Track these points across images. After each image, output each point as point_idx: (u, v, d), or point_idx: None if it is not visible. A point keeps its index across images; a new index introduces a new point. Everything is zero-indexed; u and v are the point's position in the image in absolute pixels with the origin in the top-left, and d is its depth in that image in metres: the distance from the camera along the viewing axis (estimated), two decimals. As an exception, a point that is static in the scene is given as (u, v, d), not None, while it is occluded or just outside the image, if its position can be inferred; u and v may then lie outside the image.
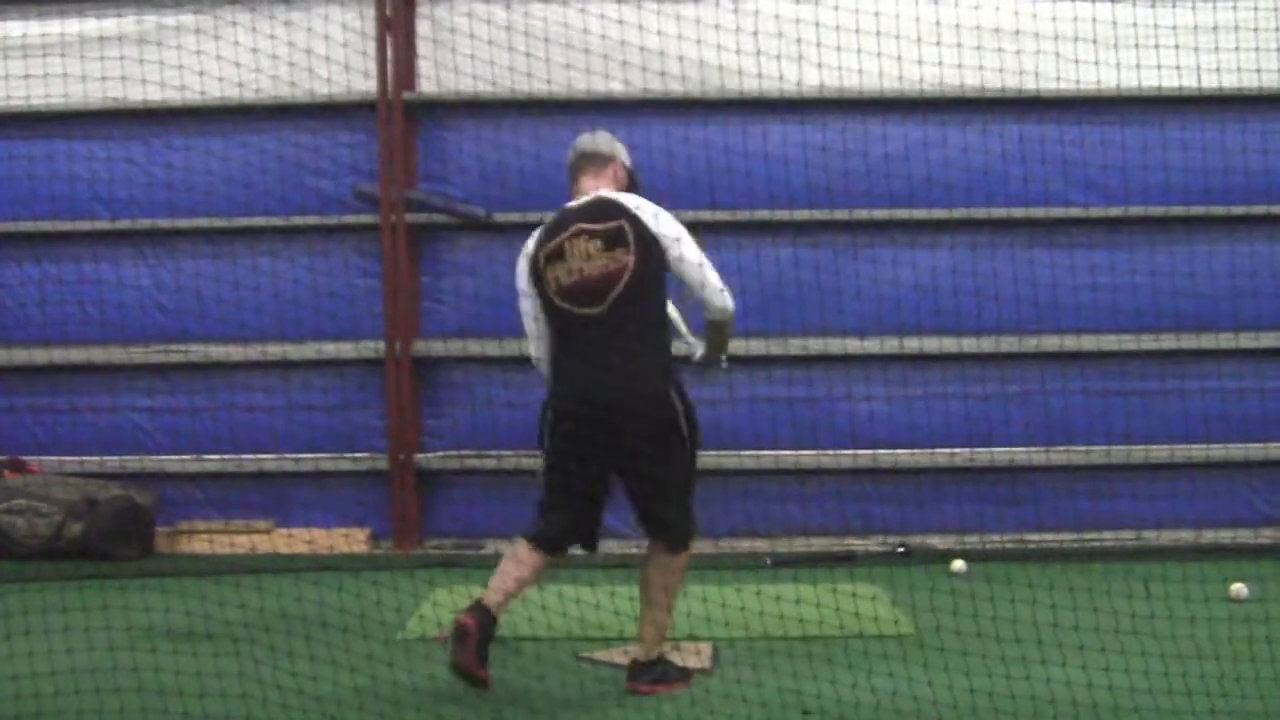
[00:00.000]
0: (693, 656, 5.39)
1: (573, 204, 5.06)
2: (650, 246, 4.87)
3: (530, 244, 5.06)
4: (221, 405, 8.94)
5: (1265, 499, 8.82)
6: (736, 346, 8.54)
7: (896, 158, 8.83)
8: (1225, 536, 8.58)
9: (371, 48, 8.78)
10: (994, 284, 8.75)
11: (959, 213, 8.82)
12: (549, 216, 5.14)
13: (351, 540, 8.73)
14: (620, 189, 5.10)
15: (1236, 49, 7.97)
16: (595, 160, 5.14)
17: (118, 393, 8.95)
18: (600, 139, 5.21)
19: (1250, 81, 8.01)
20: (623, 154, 5.22)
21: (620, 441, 4.82)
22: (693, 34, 8.32)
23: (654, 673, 4.94)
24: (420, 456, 8.78)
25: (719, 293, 4.98)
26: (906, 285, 8.81)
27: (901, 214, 8.79)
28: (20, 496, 8.24)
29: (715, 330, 5.15)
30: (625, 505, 5.12)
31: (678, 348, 5.21)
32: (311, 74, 8.62)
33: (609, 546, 6.51)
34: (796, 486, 8.71)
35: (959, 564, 7.63)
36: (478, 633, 4.67)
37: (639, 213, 4.91)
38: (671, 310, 5.25)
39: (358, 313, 8.87)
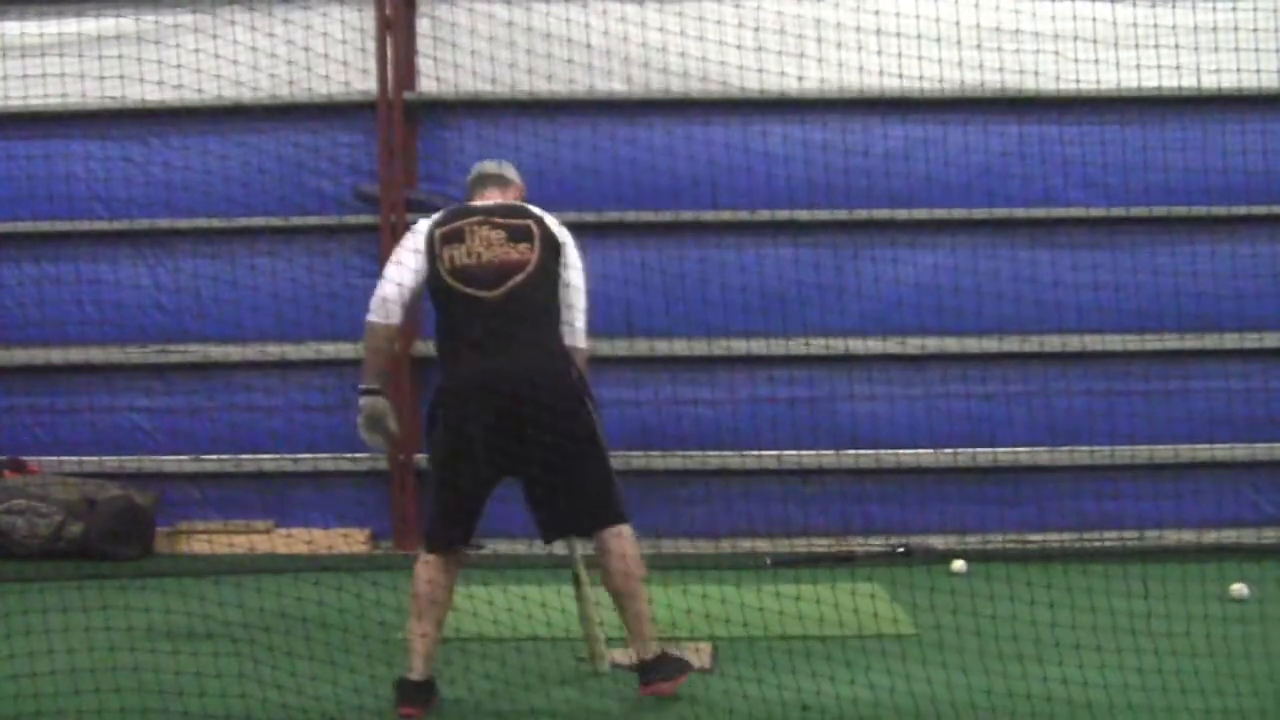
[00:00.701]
0: (693, 656, 5.38)
1: (477, 203, 5.04)
2: (552, 251, 4.86)
3: (424, 223, 4.96)
4: (221, 405, 8.94)
5: (1267, 499, 8.82)
6: (737, 346, 8.66)
7: (896, 157, 8.84)
8: (1227, 537, 8.56)
9: (371, 47, 8.78)
10: (995, 284, 8.75)
11: (959, 213, 8.82)
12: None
13: (351, 540, 8.72)
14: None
15: (1236, 49, 7.97)
16: (500, 181, 5.15)
17: (117, 393, 8.94)
18: (506, 166, 5.24)
19: (1250, 81, 8.00)
20: (521, 188, 5.22)
21: (525, 433, 4.65)
22: (693, 33, 8.32)
23: (667, 667, 4.80)
24: (420, 456, 8.77)
25: (583, 330, 4.96)
26: (907, 285, 8.81)
27: (901, 214, 8.80)
28: (20, 496, 8.24)
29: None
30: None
31: None
32: (311, 73, 8.61)
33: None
34: (796, 486, 8.70)
35: (959, 564, 7.63)
36: (424, 711, 4.62)
37: (545, 219, 4.93)
38: None
39: (357, 313, 8.73)
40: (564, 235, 4.95)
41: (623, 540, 4.80)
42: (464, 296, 4.77)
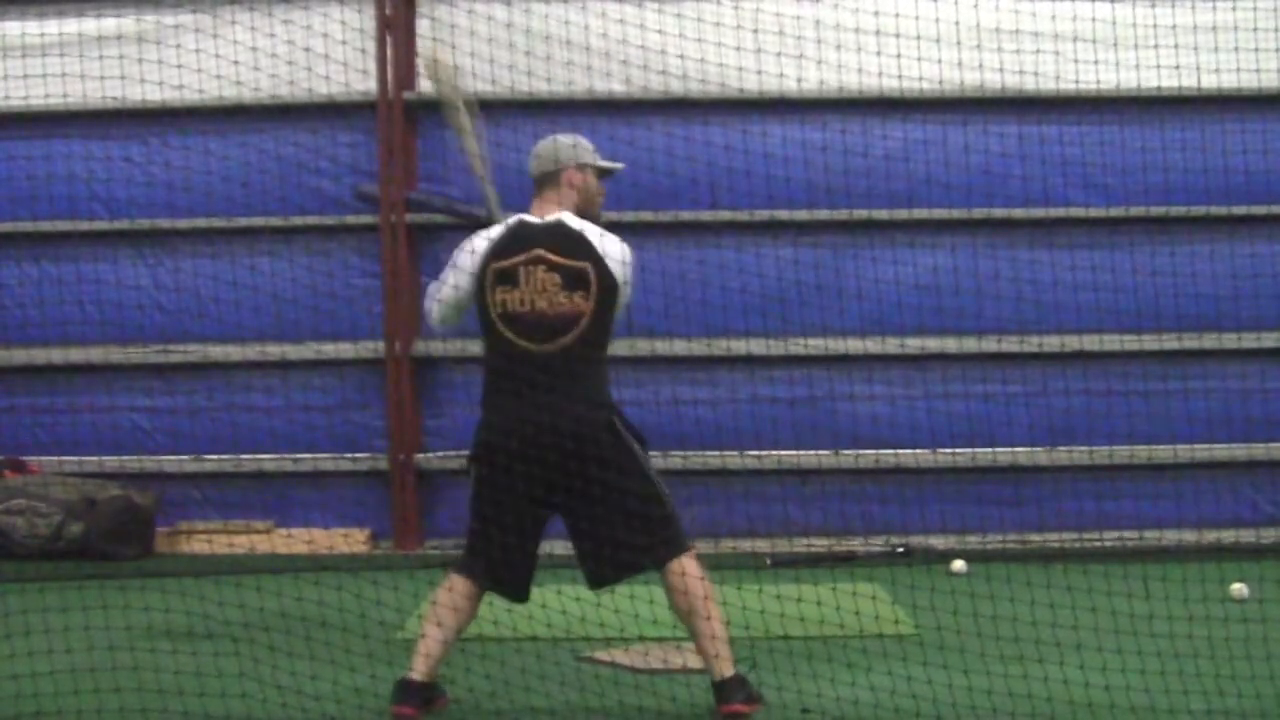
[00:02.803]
0: (693, 656, 5.37)
1: (533, 220, 4.73)
2: (610, 293, 4.62)
3: (481, 245, 4.72)
4: (221, 405, 8.94)
5: (1266, 499, 8.82)
6: (737, 346, 8.66)
7: (896, 158, 8.83)
8: (1226, 536, 8.57)
9: (371, 47, 8.78)
10: (994, 284, 8.76)
11: (959, 213, 8.82)
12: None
13: (351, 540, 8.73)
14: (579, 201, 4.79)
15: (1236, 49, 7.97)
16: (545, 180, 4.80)
17: (117, 393, 8.95)
18: (543, 153, 4.84)
19: (1250, 81, 8.00)
20: (572, 157, 4.81)
21: (561, 480, 4.52)
22: (693, 33, 8.31)
23: (746, 690, 4.59)
24: (420, 456, 8.78)
25: None
26: (906, 285, 8.81)
27: (901, 214, 8.80)
28: (20, 496, 8.24)
29: None
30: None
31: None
32: (311, 74, 8.61)
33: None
34: (796, 486, 8.70)
35: (959, 564, 7.63)
36: (419, 713, 4.56)
37: (605, 256, 4.63)
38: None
39: (357, 313, 8.87)
40: (623, 269, 4.67)
41: (684, 565, 4.58)
42: (512, 345, 4.61)
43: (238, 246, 8.89)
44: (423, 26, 8.88)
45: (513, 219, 4.78)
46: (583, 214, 4.78)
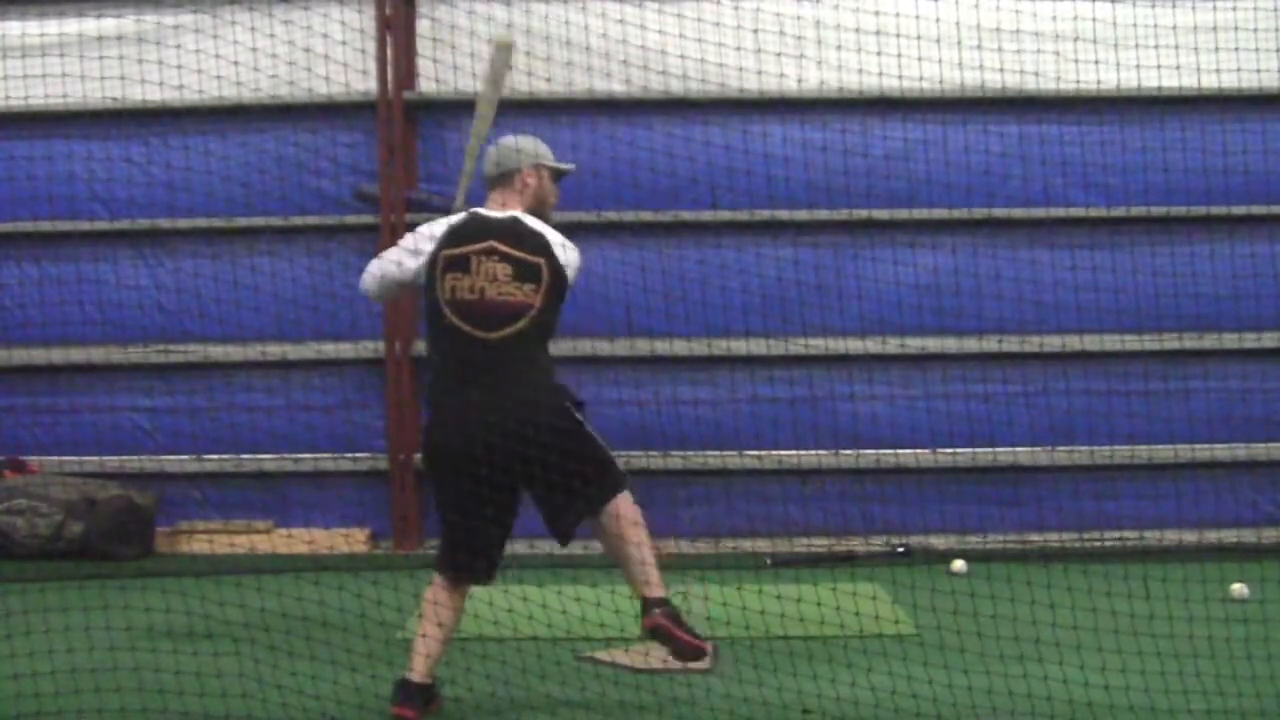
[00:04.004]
0: (693, 656, 5.38)
1: (489, 213, 4.85)
2: (559, 285, 4.74)
3: (436, 231, 4.81)
4: (221, 405, 8.94)
5: (1267, 499, 8.82)
6: (737, 346, 8.66)
7: (896, 158, 8.83)
8: (1226, 537, 8.57)
9: (371, 47, 8.78)
10: (994, 284, 8.76)
11: (959, 213, 8.82)
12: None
13: (351, 540, 8.73)
14: (532, 200, 4.90)
15: (1236, 49, 7.97)
16: (500, 179, 4.94)
17: (118, 393, 8.94)
18: (499, 155, 4.95)
19: (1250, 81, 8.01)
20: (528, 158, 4.93)
21: (515, 464, 4.58)
22: (693, 33, 8.32)
23: (671, 610, 4.62)
24: (420, 456, 8.77)
25: None
26: (906, 285, 8.81)
27: (901, 214, 8.80)
28: (20, 496, 8.24)
29: None
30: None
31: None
32: (311, 74, 8.62)
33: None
34: (796, 486, 8.71)
35: (959, 564, 7.64)
36: (419, 714, 4.58)
37: (555, 252, 4.76)
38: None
39: (357, 313, 8.86)
40: (571, 263, 4.80)
41: (617, 502, 4.66)
42: (460, 332, 4.69)
43: (238, 246, 8.88)
44: (423, 26, 8.88)
45: (467, 212, 4.91)
46: (535, 213, 4.92)
